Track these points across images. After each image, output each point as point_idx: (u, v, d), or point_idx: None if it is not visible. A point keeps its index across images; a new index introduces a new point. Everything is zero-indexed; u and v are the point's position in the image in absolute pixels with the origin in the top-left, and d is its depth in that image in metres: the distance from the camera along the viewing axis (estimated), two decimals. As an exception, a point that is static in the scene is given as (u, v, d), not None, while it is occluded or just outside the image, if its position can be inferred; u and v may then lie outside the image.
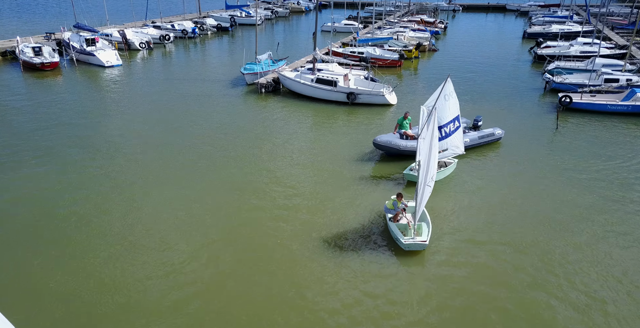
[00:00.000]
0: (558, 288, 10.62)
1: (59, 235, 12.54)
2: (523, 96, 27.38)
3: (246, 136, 20.22)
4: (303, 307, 10.06)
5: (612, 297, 10.34)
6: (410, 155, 17.07)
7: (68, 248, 11.99)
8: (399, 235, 11.96)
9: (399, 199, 12.51)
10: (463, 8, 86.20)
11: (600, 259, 11.68)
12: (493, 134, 18.95)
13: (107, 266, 11.24)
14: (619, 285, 10.72)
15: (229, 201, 14.48)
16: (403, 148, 17.34)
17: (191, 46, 44.82)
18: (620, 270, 11.26)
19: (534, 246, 12.24)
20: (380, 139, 17.65)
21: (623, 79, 25.83)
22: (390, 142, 17.44)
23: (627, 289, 10.58)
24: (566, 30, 46.94)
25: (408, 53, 37.22)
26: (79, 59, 34.99)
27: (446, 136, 14.70)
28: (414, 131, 17.98)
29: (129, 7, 53.56)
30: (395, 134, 17.84)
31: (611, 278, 10.93)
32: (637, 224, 13.31)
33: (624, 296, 10.36)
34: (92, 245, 12.09)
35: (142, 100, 25.81)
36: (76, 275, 10.93)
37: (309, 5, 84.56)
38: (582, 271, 11.19)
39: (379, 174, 16.55)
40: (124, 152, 18.28)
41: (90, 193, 14.83)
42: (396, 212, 12.54)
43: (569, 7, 68.61)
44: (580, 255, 11.85)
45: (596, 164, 17.40)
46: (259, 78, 28.14)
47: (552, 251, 11.98)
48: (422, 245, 11.71)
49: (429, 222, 12.49)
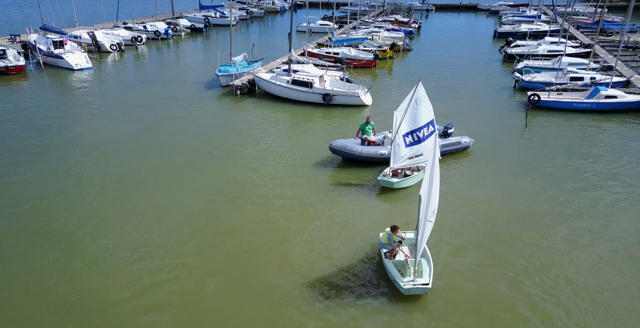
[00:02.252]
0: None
1: (22, 248, 12.21)
2: (494, 94, 28.10)
3: (221, 140, 20.09)
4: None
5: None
6: (366, 162, 16.89)
7: (29, 261, 11.69)
8: (396, 276, 10.47)
9: (394, 232, 11.07)
10: (436, 8, 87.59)
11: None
12: (459, 143, 18.22)
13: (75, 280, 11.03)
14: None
15: (202, 213, 14.29)
16: (358, 153, 16.77)
17: (164, 47, 44.12)
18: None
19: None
20: (336, 144, 17.09)
21: (587, 77, 26.84)
22: (346, 147, 16.87)
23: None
24: (534, 29, 48.33)
25: (383, 53, 37.62)
26: (46, 62, 33.97)
27: (420, 141, 14.75)
28: (377, 137, 17.75)
29: (98, 7, 52.27)
30: (356, 139, 17.48)
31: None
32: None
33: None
34: (57, 257, 11.83)
35: (114, 104, 25.30)
36: (45, 290, 10.69)
37: (284, 5, 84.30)
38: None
39: (348, 180, 16.43)
40: (94, 158, 17.90)
41: (59, 200, 14.48)
42: (392, 247, 11.05)
43: (537, 6, 70.63)
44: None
45: (562, 159, 18.04)
46: (234, 80, 27.97)
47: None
48: (424, 289, 10.22)
49: (429, 258, 11.03)
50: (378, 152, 16.81)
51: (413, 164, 15.48)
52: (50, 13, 48.31)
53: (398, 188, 15.38)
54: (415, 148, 14.88)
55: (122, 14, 52.69)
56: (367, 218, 13.71)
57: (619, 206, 14.51)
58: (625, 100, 23.86)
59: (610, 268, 11.52)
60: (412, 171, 16.11)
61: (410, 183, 15.66)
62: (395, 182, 15.13)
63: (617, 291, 10.70)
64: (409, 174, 15.85)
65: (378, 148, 16.96)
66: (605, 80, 26.00)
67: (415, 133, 14.51)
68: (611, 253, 12.12)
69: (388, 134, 17.43)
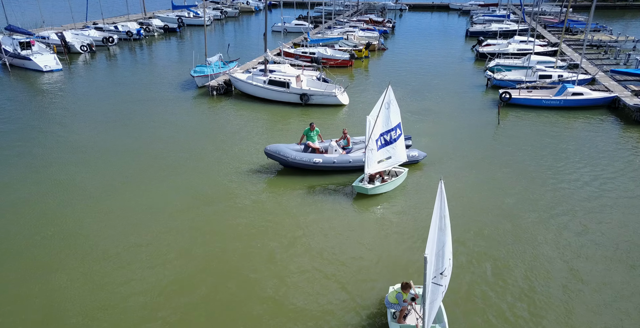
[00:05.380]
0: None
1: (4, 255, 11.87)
2: (468, 92, 28.81)
3: (198, 142, 19.92)
4: None
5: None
6: (300, 169, 16.27)
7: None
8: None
9: (405, 291, 9.21)
10: (409, 7, 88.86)
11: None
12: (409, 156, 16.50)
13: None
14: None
15: (175, 218, 14.26)
16: (291, 159, 16.10)
17: (137, 48, 43.28)
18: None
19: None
20: (271, 148, 16.40)
21: (555, 75, 27.85)
22: (279, 152, 16.21)
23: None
24: (504, 28, 49.73)
25: (358, 53, 37.97)
26: (12, 64, 32.84)
27: (388, 144, 14.84)
28: (323, 144, 17.13)
29: (66, 7, 50.66)
30: (300, 145, 16.97)
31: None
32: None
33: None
34: (35, 267, 11.55)
35: (87, 106, 24.71)
36: (25, 300, 10.42)
37: (258, 5, 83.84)
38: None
39: (324, 183, 16.08)
40: (65, 162, 17.48)
41: (30, 205, 14.11)
42: (402, 307, 9.22)
43: (505, 6, 72.56)
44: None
45: (535, 155, 18.71)
46: (209, 81, 27.73)
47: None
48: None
49: (445, 323, 9.04)
50: (312, 160, 16.14)
51: (385, 168, 15.35)
52: (15, 13, 46.61)
53: (373, 194, 15.06)
54: (386, 150, 14.91)
55: (91, 14, 51.30)
56: (348, 242, 12.48)
57: (589, 196, 15.18)
58: (591, 97, 24.88)
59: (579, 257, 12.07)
60: (390, 176, 16.01)
61: (386, 189, 15.33)
62: (370, 188, 14.83)
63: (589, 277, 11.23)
64: (386, 180, 15.67)
65: (313, 156, 16.27)
66: (572, 78, 27.04)
67: (383, 136, 14.61)
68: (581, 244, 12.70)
69: (332, 143, 16.95)
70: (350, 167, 16.44)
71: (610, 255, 12.12)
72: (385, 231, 13.18)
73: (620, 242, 12.67)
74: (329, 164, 16.33)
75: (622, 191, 15.64)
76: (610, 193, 15.50)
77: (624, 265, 11.72)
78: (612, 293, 10.69)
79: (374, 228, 13.39)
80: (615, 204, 14.75)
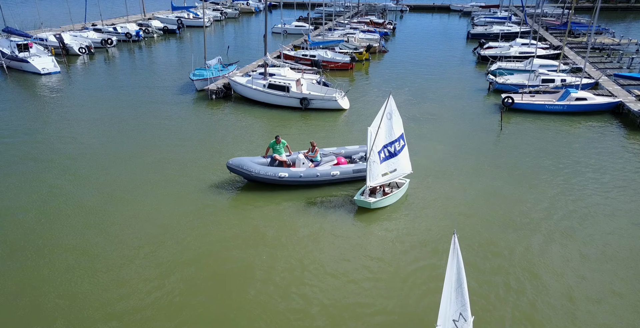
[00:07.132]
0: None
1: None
2: (470, 96, 28.48)
3: (197, 147, 19.61)
4: None
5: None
6: (265, 184, 15.53)
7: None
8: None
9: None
10: (410, 8, 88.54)
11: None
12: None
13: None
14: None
15: (172, 223, 13.96)
16: (255, 174, 15.22)
17: (136, 50, 42.97)
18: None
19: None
20: (233, 162, 15.47)
21: (558, 79, 27.51)
22: (242, 166, 15.31)
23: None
24: (506, 30, 49.40)
25: (359, 55, 37.66)
26: (10, 66, 32.55)
27: (392, 156, 14.46)
28: (290, 156, 16.44)
29: (65, 9, 50.35)
30: (265, 158, 16.26)
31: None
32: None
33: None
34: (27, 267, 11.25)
35: (85, 109, 24.40)
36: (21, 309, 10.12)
37: (258, 5, 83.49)
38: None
39: (322, 196, 15.60)
40: (64, 165, 17.17)
41: (26, 211, 13.80)
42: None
43: (507, 8, 72.28)
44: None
45: (540, 162, 18.40)
46: (209, 84, 27.43)
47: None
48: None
49: None
50: (277, 174, 15.29)
51: (389, 181, 14.86)
52: (13, 14, 46.37)
53: (375, 208, 14.42)
54: (390, 162, 14.50)
55: (90, 15, 50.99)
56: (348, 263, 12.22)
57: (592, 202, 14.87)
58: (595, 102, 24.56)
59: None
60: (391, 188, 15.35)
61: (389, 202, 14.69)
62: (373, 202, 14.15)
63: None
64: (388, 192, 15.04)
65: (278, 170, 15.40)
66: (575, 82, 26.72)
67: (387, 147, 14.21)
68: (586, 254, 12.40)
69: (300, 156, 16.28)
70: (318, 181, 15.61)
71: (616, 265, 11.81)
72: (393, 249, 12.87)
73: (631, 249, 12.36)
74: (295, 178, 15.42)
75: (629, 199, 15.32)
76: (617, 199, 15.19)
77: (632, 272, 11.42)
78: (621, 303, 10.39)
79: (382, 245, 13.07)
80: (624, 212, 14.43)
